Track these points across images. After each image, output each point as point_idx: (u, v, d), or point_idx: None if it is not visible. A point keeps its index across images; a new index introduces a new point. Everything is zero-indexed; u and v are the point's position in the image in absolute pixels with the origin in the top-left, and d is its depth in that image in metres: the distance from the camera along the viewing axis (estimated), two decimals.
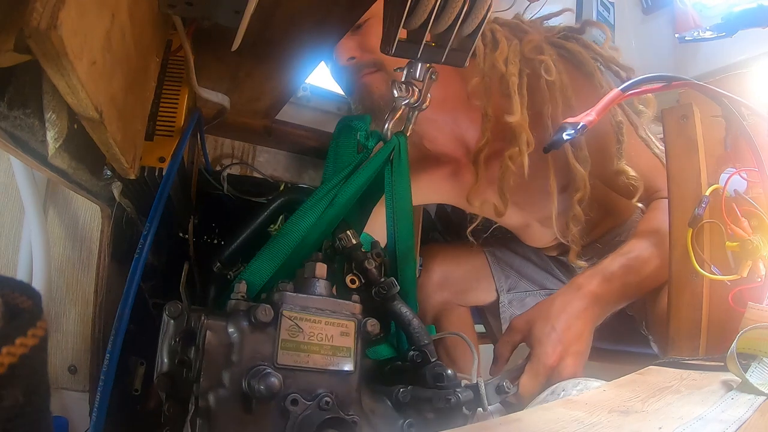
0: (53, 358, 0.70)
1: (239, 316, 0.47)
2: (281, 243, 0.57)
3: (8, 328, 0.21)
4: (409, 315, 0.58)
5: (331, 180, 0.61)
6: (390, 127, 0.63)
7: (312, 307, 0.50)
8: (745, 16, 0.72)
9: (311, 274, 0.53)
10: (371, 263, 0.59)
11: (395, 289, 0.58)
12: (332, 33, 0.73)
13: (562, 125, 0.62)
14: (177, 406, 0.49)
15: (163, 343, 0.49)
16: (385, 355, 0.60)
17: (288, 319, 0.48)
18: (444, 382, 0.54)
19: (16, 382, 0.20)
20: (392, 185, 0.63)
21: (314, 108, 1.31)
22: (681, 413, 0.42)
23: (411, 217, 0.64)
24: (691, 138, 0.72)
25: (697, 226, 0.67)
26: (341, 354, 0.50)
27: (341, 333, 0.51)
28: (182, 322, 0.49)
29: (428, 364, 0.56)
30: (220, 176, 1.10)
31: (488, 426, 0.41)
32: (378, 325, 0.54)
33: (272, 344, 0.47)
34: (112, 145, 0.44)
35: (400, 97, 0.60)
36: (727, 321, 0.63)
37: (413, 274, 0.64)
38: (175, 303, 0.50)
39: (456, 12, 0.51)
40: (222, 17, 0.56)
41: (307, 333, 0.49)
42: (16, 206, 0.70)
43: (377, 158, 0.63)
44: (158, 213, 0.58)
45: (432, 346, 0.58)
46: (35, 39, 0.28)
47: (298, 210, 0.59)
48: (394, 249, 0.63)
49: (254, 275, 0.55)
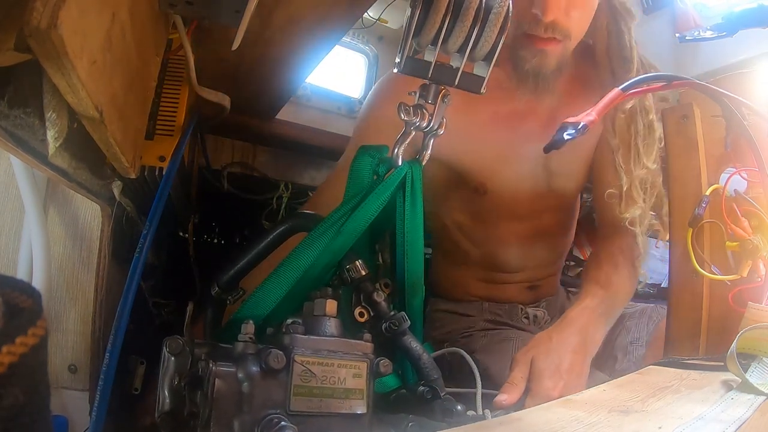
0: (53, 357, 0.70)
1: (248, 362, 0.45)
2: (286, 273, 0.55)
3: (8, 327, 0.21)
4: (419, 350, 0.57)
5: (342, 208, 0.58)
6: (399, 152, 0.60)
7: (324, 350, 0.48)
8: (745, 16, 0.72)
9: (321, 312, 0.51)
10: (380, 295, 0.58)
11: (406, 324, 0.57)
12: (332, 33, 0.73)
13: (563, 125, 0.62)
14: None
15: (164, 379, 0.48)
16: (392, 387, 0.60)
17: (300, 365, 0.46)
18: (453, 419, 0.53)
19: (16, 381, 0.20)
20: (404, 215, 0.61)
21: (314, 107, 1.31)
22: (681, 413, 0.42)
23: (422, 248, 0.62)
24: (691, 138, 0.72)
25: (697, 226, 0.67)
26: (354, 396, 0.49)
27: (354, 375, 0.49)
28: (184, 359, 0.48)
29: (438, 399, 0.55)
30: (221, 175, 1.10)
31: (488, 426, 0.41)
32: (390, 365, 0.52)
33: (284, 391, 0.46)
34: (112, 144, 0.44)
35: (409, 121, 0.57)
36: (727, 321, 0.63)
37: (421, 304, 0.63)
38: (175, 339, 0.48)
39: (467, 30, 0.49)
40: (222, 17, 0.56)
41: (320, 377, 0.47)
42: (17, 205, 0.70)
43: (387, 185, 0.60)
44: (158, 212, 0.57)
45: (441, 380, 0.57)
46: (36, 38, 0.28)
47: (304, 239, 0.57)
48: (403, 279, 0.61)
49: (258, 307, 0.54)
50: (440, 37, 0.50)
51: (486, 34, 0.50)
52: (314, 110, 1.30)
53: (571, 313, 0.79)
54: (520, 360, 0.72)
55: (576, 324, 0.77)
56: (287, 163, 1.25)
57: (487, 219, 1.02)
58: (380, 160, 0.62)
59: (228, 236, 1.20)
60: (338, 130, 1.26)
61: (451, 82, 0.54)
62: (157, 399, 0.48)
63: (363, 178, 0.63)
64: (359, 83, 1.42)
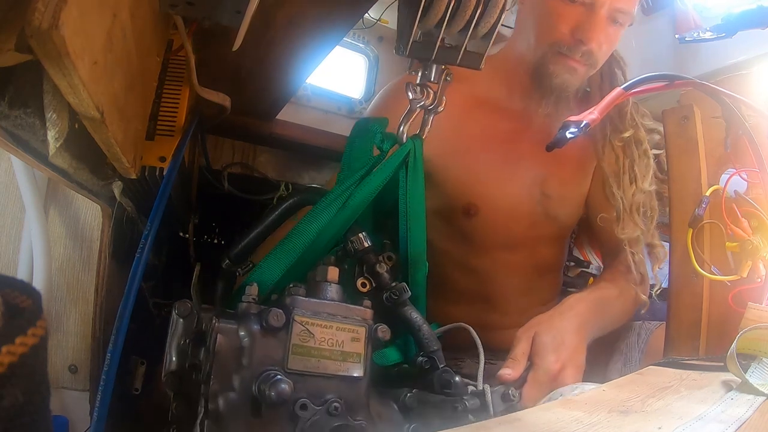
0: (54, 357, 0.70)
1: (250, 320, 0.47)
2: (293, 243, 0.57)
3: (8, 327, 0.21)
4: (419, 321, 0.58)
5: (346, 182, 0.60)
6: (405, 129, 0.63)
7: (323, 312, 0.50)
8: (744, 17, 0.72)
9: (323, 278, 0.53)
10: (383, 267, 0.59)
11: (407, 294, 0.58)
12: (333, 33, 0.74)
13: (565, 123, 0.62)
14: (184, 405, 0.49)
15: (172, 341, 0.49)
16: (393, 360, 0.61)
17: (299, 324, 0.48)
18: (451, 389, 0.54)
19: (16, 381, 0.20)
20: (406, 189, 0.62)
21: (315, 108, 1.31)
22: (681, 413, 0.42)
23: (424, 221, 0.64)
24: (691, 138, 0.72)
25: (698, 227, 0.67)
26: (351, 360, 0.50)
27: (352, 339, 0.51)
28: (191, 321, 0.50)
29: (436, 371, 0.56)
30: (221, 176, 1.10)
31: (487, 426, 0.41)
32: (389, 331, 0.53)
33: (283, 349, 0.47)
34: (113, 144, 0.44)
35: (415, 99, 0.60)
36: (727, 321, 0.63)
37: (424, 278, 0.64)
38: (184, 302, 0.50)
39: (470, 13, 0.50)
40: (223, 17, 0.56)
41: (318, 338, 0.49)
42: (17, 205, 0.70)
43: (392, 161, 0.62)
44: (159, 213, 0.58)
45: (440, 352, 0.57)
46: (37, 39, 0.28)
47: (310, 211, 0.58)
48: (406, 253, 0.63)
49: (264, 275, 0.55)
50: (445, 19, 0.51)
51: (488, 14, 0.51)
52: (315, 111, 1.30)
53: (569, 300, 0.81)
54: (522, 336, 0.73)
55: (575, 309, 0.79)
56: (287, 163, 1.25)
57: (478, 246, 0.98)
58: (384, 135, 0.64)
59: (228, 236, 1.20)
60: (339, 130, 1.26)
61: (454, 61, 0.55)
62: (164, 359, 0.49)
63: (365, 151, 0.65)
64: (359, 84, 1.41)
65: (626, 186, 0.91)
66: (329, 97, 1.34)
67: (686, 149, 0.72)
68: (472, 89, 0.94)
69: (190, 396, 0.48)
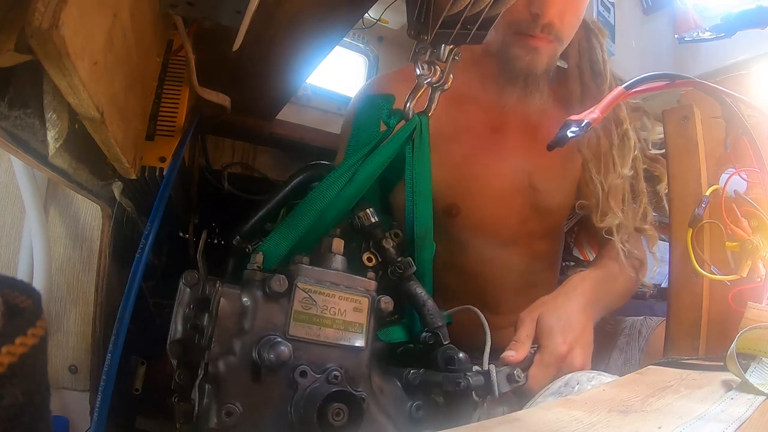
0: (54, 357, 0.70)
1: (254, 285, 0.47)
2: (300, 218, 0.57)
3: (8, 327, 0.21)
4: (423, 296, 0.58)
5: (352, 157, 0.61)
6: (412, 106, 0.63)
7: (327, 281, 0.50)
8: (744, 16, 0.72)
9: (328, 249, 0.54)
10: (389, 242, 0.60)
11: (411, 269, 0.58)
12: (333, 33, 0.73)
13: (566, 122, 0.62)
14: (188, 374, 0.49)
15: (178, 310, 0.50)
16: (397, 338, 0.60)
17: (302, 291, 0.48)
18: (455, 366, 0.53)
19: (16, 381, 0.20)
20: (413, 165, 0.63)
21: (315, 108, 1.31)
22: (680, 413, 0.42)
23: (430, 198, 0.64)
24: (691, 138, 0.72)
25: (697, 226, 0.67)
26: (353, 329, 0.50)
27: (354, 308, 0.51)
28: (198, 291, 0.50)
29: (440, 347, 0.56)
30: (221, 176, 1.10)
31: (487, 425, 0.41)
32: (391, 302, 0.53)
33: (285, 315, 0.47)
34: (113, 144, 0.44)
35: (422, 75, 0.60)
36: (727, 321, 0.63)
37: (430, 256, 0.64)
38: (191, 272, 0.50)
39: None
40: (223, 17, 0.56)
41: (321, 306, 0.49)
42: (17, 206, 0.70)
43: (398, 137, 0.62)
44: (159, 213, 0.58)
45: (445, 329, 0.57)
46: (37, 39, 0.28)
47: (318, 185, 0.59)
48: (412, 230, 0.63)
49: (272, 248, 0.55)
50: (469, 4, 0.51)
51: None
52: (315, 111, 1.30)
53: (573, 279, 0.79)
54: (526, 319, 0.71)
55: (579, 288, 0.76)
56: (287, 163, 1.25)
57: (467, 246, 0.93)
58: (391, 111, 0.65)
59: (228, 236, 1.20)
60: (338, 130, 1.26)
61: (464, 41, 0.56)
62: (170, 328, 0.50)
63: (371, 126, 0.65)
64: (359, 84, 1.42)
65: (605, 171, 0.87)
66: (329, 97, 1.34)
67: (686, 149, 0.72)
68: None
69: (192, 364, 0.48)
